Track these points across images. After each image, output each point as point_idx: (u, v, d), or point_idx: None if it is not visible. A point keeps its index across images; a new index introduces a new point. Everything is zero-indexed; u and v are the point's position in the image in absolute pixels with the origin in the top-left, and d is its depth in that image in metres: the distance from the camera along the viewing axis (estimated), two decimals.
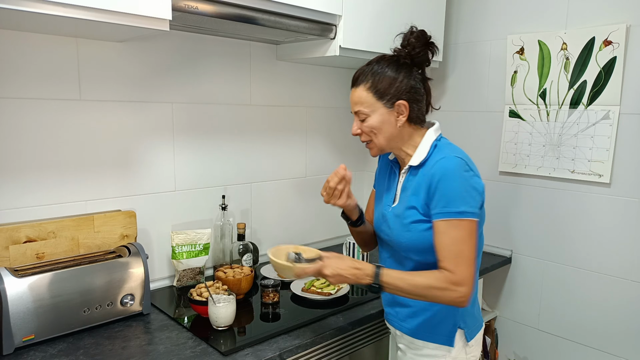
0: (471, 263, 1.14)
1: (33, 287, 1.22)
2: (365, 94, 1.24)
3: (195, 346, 1.26)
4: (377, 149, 1.29)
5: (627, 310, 1.78)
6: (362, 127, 1.27)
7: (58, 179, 1.45)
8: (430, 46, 1.26)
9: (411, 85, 1.23)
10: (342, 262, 1.20)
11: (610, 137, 1.76)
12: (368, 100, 1.24)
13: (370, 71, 1.25)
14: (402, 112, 1.23)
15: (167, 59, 1.64)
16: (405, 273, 1.19)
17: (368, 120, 1.25)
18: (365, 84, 1.25)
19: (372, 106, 1.24)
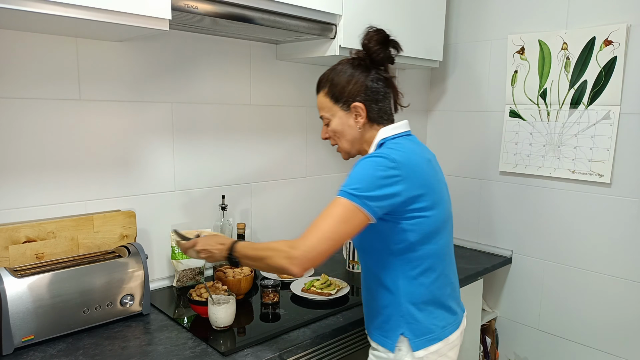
0: (320, 235, 1.08)
1: (33, 288, 1.22)
2: (324, 99, 1.28)
3: (195, 346, 1.26)
4: (344, 152, 1.31)
5: (627, 310, 1.78)
6: (329, 132, 1.30)
7: (57, 179, 1.45)
8: (388, 44, 1.25)
9: (367, 85, 1.23)
10: (212, 239, 1.26)
11: (611, 137, 1.76)
12: (327, 105, 1.27)
13: (328, 76, 1.28)
14: (359, 114, 1.24)
15: (167, 59, 1.64)
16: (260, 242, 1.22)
17: (331, 124, 1.28)
18: (324, 89, 1.28)
19: (331, 110, 1.27)
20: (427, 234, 1.17)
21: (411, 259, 1.18)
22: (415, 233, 1.16)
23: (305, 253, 1.07)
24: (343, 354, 1.47)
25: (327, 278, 1.67)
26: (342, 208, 1.09)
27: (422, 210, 1.15)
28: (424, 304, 1.21)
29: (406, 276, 1.19)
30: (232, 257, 1.21)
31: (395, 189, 1.11)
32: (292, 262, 1.08)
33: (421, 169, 1.17)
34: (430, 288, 1.20)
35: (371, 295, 1.27)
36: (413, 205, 1.14)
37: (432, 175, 1.20)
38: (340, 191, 1.11)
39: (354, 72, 1.24)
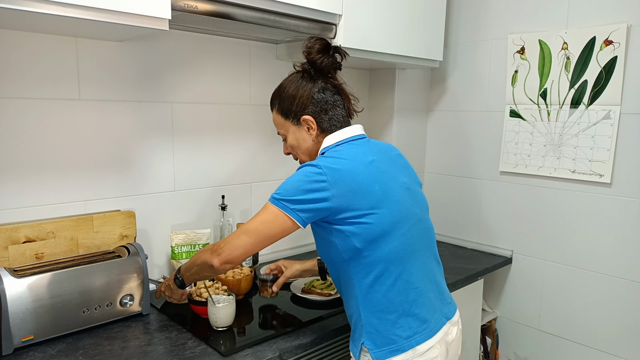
0: (241, 232, 1.16)
1: (32, 288, 1.21)
2: (277, 116, 1.29)
3: (195, 347, 1.26)
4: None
5: (627, 310, 1.78)
6: (288, 147, 1.32)
7: (57, 179, 1.45)
8: (330, 50, 1.24)
9: (314, 97, 1.23)
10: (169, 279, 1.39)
11: (611, 137, 1.75)
12: (280, 122, 1.29)
13: (277, 93, 1.29)
14: (310, 126, 1.24)
15: (166, 59, 1.64)
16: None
17: (287, 139, 1.29)
18: (275, 106, 1.30)
19: (284, 126, 1.29)
20: (373, 238, 1.12)
21: (362, 266, 1.14)
22: (359, 238, 1.11)
23: (227, 246, 1.16)
24: (343, 354, 1.47)
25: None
26: (265, 211, 1.15)
27: (360, 217, 1.11)
28: (382, 312, 1.14)
29: (361, 284, 1.15)
30: (177, 278, 1.32)
31: (321, 194, 1.10)
32: (213, 255, 1.17)
33: (356, 173, 1.12)
34: (387, 295, 1.13)
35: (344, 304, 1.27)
36: (346, 212, 1.11)
37: (374, 177, 1.14)
38: (271, 197, 1.16)
39: (300, 84, 1.24)
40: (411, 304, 1.15)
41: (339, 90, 1.27)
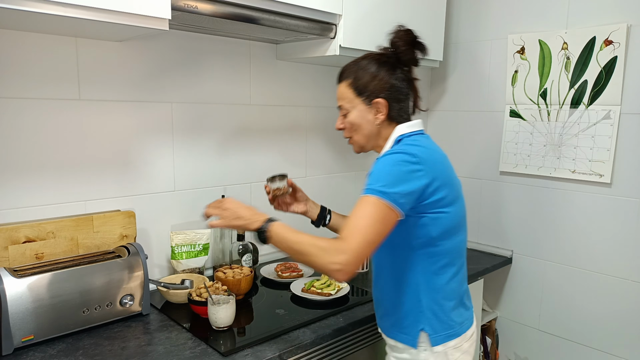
0: (363, 238, 1.06)
1: (32, 288, 1.21)
2: (347, 89, 1.27)
3: (195, 347, 1.26)
4: (357, 146, 1.31)
5: (627, 310, 1.78)
6: (345, 123, 1.29)
7: (57, 179, 1.45)
8: (416, 45, 1.25)
9: (392, 83, 1.23)
10: (242, 205, 1.24)
11: (611, 137, 1.75)
12: (348, 96, 1.26)
13: (353, 67, 1.27)
14: (380, 110, 1.23)
15: (166, 59, 1.64)
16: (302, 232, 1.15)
17: (349, 115, 1.27)
18: (347, 80, 1.27)
19: (352, 102, 1.26)
20: (448, 229, 1.18)
21: (432, 254, 1.18)
22: (437, 228, 1.16)
23: (353, 260, 1.05)
24: (343, 354, 1.47)
25: (327, 278, 1.67)
26: (375, 207, 1.07)
27: (444, 206, 1.16)
28: (443, 300, 1.21)
29: (426, 271, 1.19)
30: (263, 231, 1.15)
31: (420, 183, 1.11)
32: (342, 271, 1.05)
33: (441, 164, 1.19)
34: (450, 283, 1.21)
35: (387, 293, 1.27)
36: (436, 200, 1.14)
37: (451, 171, 1.23)
38: (369, 189, 1.10)
39: (380, 68, 1.24)
40: (464, 294, 1.28)
41: (411, 85, 1.28)
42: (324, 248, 1.07)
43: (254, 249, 1.83)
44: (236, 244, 1.79)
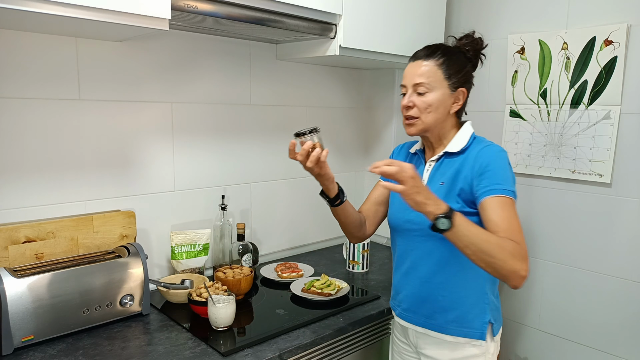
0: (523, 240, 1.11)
1: (32, 288, 1.21)
2: (436, 68, 1.25)
3: (195, 347, 1.26)
4: (421, 127, 1.27)
5: (627, 310, 1.78)
6: (417, 101, 1.25)
7: (57, 179, 1.45)
8: (480, 56, 1.34)
9: (471, 81, 1.31)
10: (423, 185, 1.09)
11: (611, 137, 1.75)
12: (436, 76, 1.25)
13: (445, 50, 1.27)
14: (458, 100, 1.28)
15: (166, 59, 1.64)
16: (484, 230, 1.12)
17: (428, 95, 1.25)
18: (438, 59, 1.25)
19: (438, 83, 1.25)
20: None
21: None
22: None
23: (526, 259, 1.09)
24: (343, 354, 1.47)
25: (327, 278, 1.67)
26: (514, 208, 1.15)
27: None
28: (496, 289, 1.32)
29: None
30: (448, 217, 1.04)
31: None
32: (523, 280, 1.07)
33: None
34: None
35: (448, 288, 1.26)
36: None
37: None
38: (506, 191, 1.15)
39: (467, 63, 1.29)
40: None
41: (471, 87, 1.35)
42: (513, 253, 1.05)
43: (254, 249, 1.83)
44: (236, 244, 1.79)
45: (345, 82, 2.23)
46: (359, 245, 1.89)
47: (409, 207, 1.10)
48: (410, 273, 1.33)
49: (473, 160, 1.22)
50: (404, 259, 1.35)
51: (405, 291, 1.36)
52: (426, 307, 1.31)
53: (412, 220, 1.28)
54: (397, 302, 1.40)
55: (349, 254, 1.93)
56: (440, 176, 1.28)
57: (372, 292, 1.67)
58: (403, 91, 1.30)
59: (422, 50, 1.29)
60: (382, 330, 1.59)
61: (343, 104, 2.24)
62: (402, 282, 1.36)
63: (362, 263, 1.91)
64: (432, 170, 1.30)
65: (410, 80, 1.26)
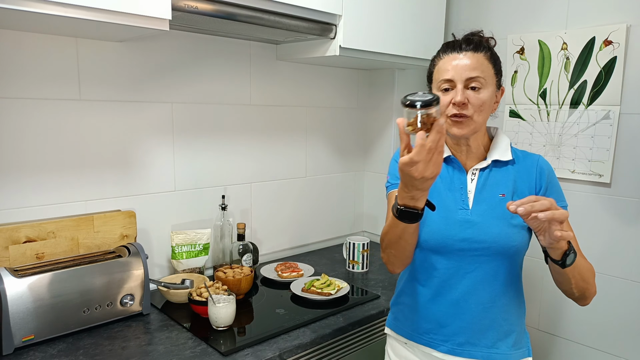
0: None
1: (33, 287, 1.22)
2: (487, 63, 1.12)
3: (195, 346, 1.26)
4: (472, 128, 1.10)
5: (627, 310, 1.78)
6: (472, 97, 1.09)
7: (58, 179, 1.45)
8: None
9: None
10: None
11: (611, 137, 1.75)
12: (489, 71, 1.11)
13: (485, 43, 1.13)
14: (498, 99, 1.16)
15: (167, 59, 1.64)
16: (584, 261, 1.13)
17: (482, 92, 1.09)
18: (486, 53, 1.12)
19: (490, 79, 1.12)
20: None
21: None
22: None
23: None
24: (343, 354, 1.47)
25: (327, 278, 1.67)
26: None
27: None
28: None
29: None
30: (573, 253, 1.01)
31: None
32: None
33: None
34: None
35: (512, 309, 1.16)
36: None
37: None
38: (566, 207, 1.13)
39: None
40: None
41: None
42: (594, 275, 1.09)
43: (254, 249, 1.83)
44: (236, 244, 1.79)
45: (345, 82, 2.23)
46: (359, 245, 1.89)
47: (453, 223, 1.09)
48: (467, 299, 1.13)
49: (538, 171, 1.14)
50: (453, 284, 1.13)
51: (459, 322, 1.14)
52: (489, 336, 1.13)
53: (471, 239, 1.10)
54: (444, 337, 1.15)
55: (349, 253, 1.93)
56: (494, 187, 1.13)
57: (372, 292, 1.67)
58: (446, 86, 1.11)
59: (464, 41, 1.12)
60: (382, 330, 1.59)
61: (343, 104, 2.25)
62: (451, 312, 1.14)
63: (362, 263, 1.91)
64: (480, 179, 1.15)
65: (461, 74, 1.08)
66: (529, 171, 1.15)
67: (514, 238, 1.11)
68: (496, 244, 1.10)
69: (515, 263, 1.15)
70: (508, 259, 1.12)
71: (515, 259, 1.14)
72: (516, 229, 1.11)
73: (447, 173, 1.18)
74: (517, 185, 1.14)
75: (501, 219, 1.10)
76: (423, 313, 1.18)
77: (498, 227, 1.10)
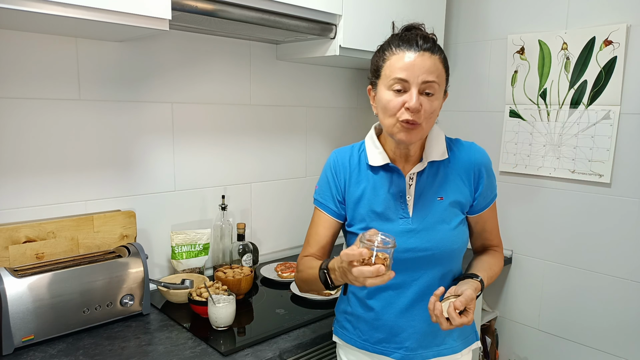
0: None
1: (33, 287, 1.22)
2: (441, 67, 1.03)
3: (195, 346, 1.26)
4: (419, 137, 1.06)
5: (627, 310, 1.78)
6: (426, 104, 1.01)
7: (57, 179, 1.45)
8: None
9: None
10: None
11: (611, 137, 1.75)
12: (442, 77, 1.03)
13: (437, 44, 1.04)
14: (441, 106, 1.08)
15: (166, 59, 1.64)
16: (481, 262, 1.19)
17: (434, 99, 1.02)
18: (441, 55, 1.03)
19: (442, 85, 1.04)
20: None
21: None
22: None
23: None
24: None
25: None
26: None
27: None
28: None
29: None
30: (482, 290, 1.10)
31: None
32: None
33: None
34: None
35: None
36: None
37: None
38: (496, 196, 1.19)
39: None
40: None
41: None
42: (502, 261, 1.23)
43: (254, 249, 1.83)
44: (236, 244, 1.79)
45: (345, 82, 2.23)
46: None
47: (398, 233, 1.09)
48: (416, 306, 1.12)
49: (473, 164, 1.12)
50: (402, 292, 1.12)
51: (410, 329, 1.13)
52: (439, 336, 1.15)
53: (415, 248, 1.09)
54: (397, 345, 1.14)
55: None
56: (432, 190, 1.11)
57: None
58: (398, 86, 1.02)
59: (420, 38, 1.02)
60: None
61: (343, 104, 2.24)
62: (402, 321, 1.13)
63: None
64: (418, 183, 1.12)
65: (418, 76, 0.99)
66: (466, 169, 1.12)
67: (455, 240, 1.11)
68: (440, 250, 1.10)
69: (458, 261, 1.18)
70: (453, 260, 1.14)
71: (458, 258, 1.16)
72: (457, 230, 1.11)
73: (385, 182, 1.13)
74: (450, 182, 1.12)
75: (442, 223, 1.10)
76: (374, 324, 1.16)
77: (440, 232, 1.09)
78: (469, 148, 1.15)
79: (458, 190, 1.12)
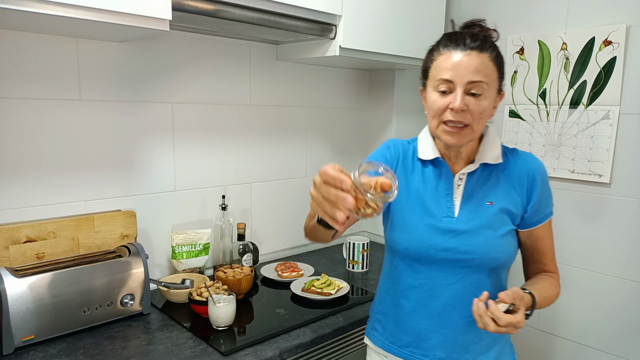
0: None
1: (33, 287, 1.22)
2: (492, 65, 0.99)
3: (195, 346, 1.26)
4: (469, 138, 1.02)
5: (627, 310, 1.78)
6: (473, 104, 0.98)
7: (58, 179, 1.45)
8: None
9: None
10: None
11: (610, 137, 1.76)
12: (492, 75, 0.99)
13: (490, 40, 1.00)
14: (497, 105, 1.04)
15: (167, 59, 1.64)
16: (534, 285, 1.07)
17: (483, 99, 0.98)
18: (492, 53, 0.99)
19: (493, 84, 0.99)
20: None
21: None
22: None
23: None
24: (343, 354, 1.47)
25: (327, 278, 1.67)
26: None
27: None
28: None
29: None
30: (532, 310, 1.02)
31: None
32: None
33: None
34: None
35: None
36: None
37: None
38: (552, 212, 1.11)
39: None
40: None
41: None
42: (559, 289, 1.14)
43: (254, 249, 1.84)
44: (236, 244, 1.80)
45: (345, 82, 2.23)
46: (358, 244, 1.89)
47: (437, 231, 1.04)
48: (449, 312, 1.07)
49: (523, 179, 1.07)
50: (435, 295, 1.08)
51: (440, 336, 1.08)
52: (471, 350, 1.08)
53: (455, 249, 1.05)
54: (424, 352, 1.10)
55: (348, 253, 1.93)
56: (482, 194, 1.07)
57: (372, 292, 1.67)
58: (444, 88, 0.99)
59: (468, 37, 0.99)
60: None
61: (343, 104, 2.25)
62: (432, 326, 1.09)
63: (362, 263, 1.91)
64: (467, 184, 1.08)
65: (463, 76, 0.97)
66: (519, 177, 1.07)
67: (499, 250, 1.05)
68: (481, 255, 1.04)
69: (500, 275, 1.09)
70: (493, 271, 1.07)
71: (500, 271, 1.09)
72: (503, 239, 1.05)
73: (433, 177, 1.11)
74: (503, 190, 1.07)
75: (488, 228, 1.05)
76: (402, 325, 1.13)
77: (484, 237, 1.04)
78: (526, 156, 1.10)
79: (509, 198, 1.07)
